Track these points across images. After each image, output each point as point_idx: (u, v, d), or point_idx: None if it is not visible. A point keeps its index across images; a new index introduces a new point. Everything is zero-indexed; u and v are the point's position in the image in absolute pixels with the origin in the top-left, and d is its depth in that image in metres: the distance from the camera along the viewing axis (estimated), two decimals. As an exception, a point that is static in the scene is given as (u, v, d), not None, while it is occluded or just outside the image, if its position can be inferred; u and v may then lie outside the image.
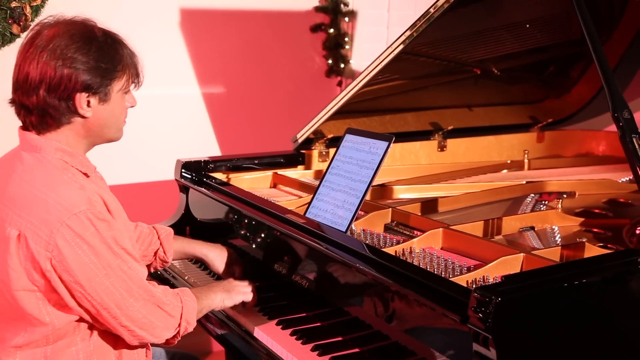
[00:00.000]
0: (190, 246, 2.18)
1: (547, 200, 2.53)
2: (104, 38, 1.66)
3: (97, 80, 1.62)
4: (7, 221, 1.58)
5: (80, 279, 1.55)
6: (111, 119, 1.69)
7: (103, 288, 1.57)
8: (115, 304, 1.59)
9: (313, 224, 2.02)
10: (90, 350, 1.66)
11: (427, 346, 1.62)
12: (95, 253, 1.56)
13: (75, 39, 1.61)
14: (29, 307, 1.59)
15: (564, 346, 1.48)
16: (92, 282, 1.56)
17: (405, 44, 2.44)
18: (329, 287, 1.94)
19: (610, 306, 1.57)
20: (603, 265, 1.62)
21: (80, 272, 1.55)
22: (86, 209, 1.56)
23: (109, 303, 1.59)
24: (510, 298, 1.39)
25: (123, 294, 1.60)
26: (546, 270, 1.61)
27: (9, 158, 1.72)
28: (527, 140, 3.39)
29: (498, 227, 2.17)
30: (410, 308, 1.67)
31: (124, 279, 1.60)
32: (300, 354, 1.77)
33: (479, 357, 1.39)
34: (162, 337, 1.70)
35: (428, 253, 1.93)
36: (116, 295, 1.59)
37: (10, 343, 1.63)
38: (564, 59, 3.21)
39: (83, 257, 1.55)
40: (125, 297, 1.60)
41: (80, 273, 1.55)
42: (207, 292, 1.88)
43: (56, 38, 1.61)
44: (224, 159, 2.77)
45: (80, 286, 1.56)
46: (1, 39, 2.93)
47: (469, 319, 1.40)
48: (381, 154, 2.05)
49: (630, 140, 1.77)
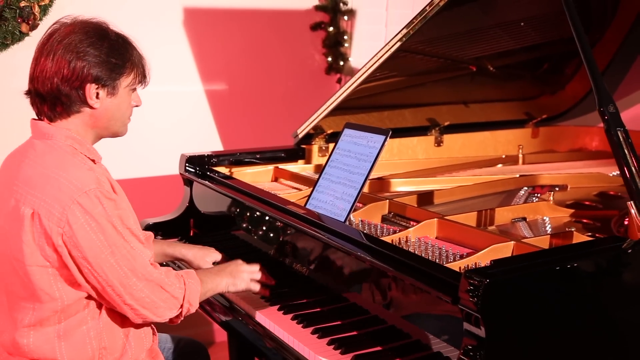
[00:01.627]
0: (170, 248, 2.21)
1: (540, 193, 2.58)
2: (115, 37, 1.77)
3: (107, 73, 1.73)
4: (21, 201, 1.67)
5: (88, 255, 1.63)
6: (117, 113, 1.79)
7: (108, 265, 1.65)
8: (119, 282, 1.67)
9: (313, 215, 2.08)
10: (100, 328, 1.74)
11: (421, 329, 1.70)
12: (102, 231, 1.64)
13: (89, 35, 1.72)
14: (40, 283, 1.67)
15: (550, 325, 1.55)
16: (98, 258, 1.64)
17: (402, 42, 2.48)
18: (328, 274, 2.00)
19: (594, 289, 1.63)
20: (588, 250, 1.69)
21: (87, 248, 1.63)
22: (95, 188, 1.65)
23: (113, 281, 1.66)
24: (499, 280, 1.46)
25: (127, 273, 1.67)
26: (533, 254, 1.68)
27: (21, 148, 1.82)
28: (522, 135, 3.42)
29: (491, 217, 2.22)
30: (405, 292, 1.73)
31: (128, 258, 1.68)
32: (301, 336, 1.83)
33: (469, 335, 1.46)
34: (165, 317, 1.77)
35: (423, 242, 1.98)
36: (120, 273, 1.67)
37: (23, 323, 1.70)
38: (558, 56, 3.24)
39: (91, 234, 1.63)
40: (129, 275, 1.68)
41: (87, 249, 1.63)
42: (213, 276, 1.93)
43: (72, 34, 1.72)
44: (227, 153, 2.82)
45: (88, 262, 1.64)
46: (11, 37, 2.96)
47: (460, 300, 1.48)
48: (378, 147, 2.11)
49: (615, 133, 1.83)
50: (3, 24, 2.94)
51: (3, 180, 1.78)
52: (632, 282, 1.72)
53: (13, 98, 3.05)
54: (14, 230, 1.68)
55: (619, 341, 1.68)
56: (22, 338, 1.71)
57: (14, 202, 1.69)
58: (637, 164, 1.82)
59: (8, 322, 1.75)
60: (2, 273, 1.75)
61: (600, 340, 1.64)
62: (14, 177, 1.73)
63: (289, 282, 2.12)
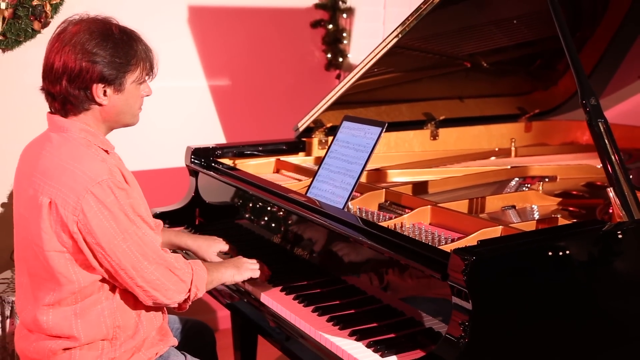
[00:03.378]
0: (177, 238, 2.31)
1: (530, 183, 2.66)
2: (120, 35, 1.82)
3: (113, 72, 1.80)
4: (39, 191, 1.77)
5: (101, 241, 1.73)
6: (125, 107, 1.87)
7: (120, 250, 1.75)
8: (131, 265, 1.77)
9: (313, 202, 2.18)
10: (114, 308, 1.84)
11: (413, 307, 1.81)
12: (115, 218, 1.74)
13: (94, 35, 1.79)
14: (58, 267, 1.77)
15: (531, 299, 1.66)
16: (111, 244, 1.74)
17: (398, 39, 2.54)
18: (327, 257, 2.10)
19: (574, 267, 1.74)
20: (569, 232, 1.81)
21: (101, 234, 1.73)
22: (107, 178, 1.75)
23: (126, 264, 1.76)
24: (484, 257, 1.57)
25: (138, 257, 1.77)
26: (517, 235, 1.79)
27: (38, 140, 1.91)
28: (515, 129, 3.48)
29: (482, 205, 2.32)
30: (399, 274, 1.84)
31: (139, 243, 1.77)
32: (302, 314, 1.93)
33: (457, 309, 1.58)
34: (174, 299, 1.87)
35: (417, 227, 2.08)
36: (132, 257, 1.76)
37: (44, 301, 1.81)
38: (550, 53, 3.28)
39: (104, 222, 1.73)
40: (140, 259, 1.78)
41: (101, 236, 1.73)
42: (218, 267, 2.04)
43: (78, 34, 1.79)
44: (231, 145, 2.89)
45: (101, 247, 1.74)
46: (23, 34, 3.02)
47: (449, 277, 1.59)
48: (375, 138, 2.21)
49: (596, 124, 1.93)
50: (16, 21, 2.99)
51: (22, 170, 1.88)
52: (610, 261, 1.83)
53: (25, 92, 3.18)
54: (33, 218, 1.78)
55: (596, 313, 1.79)
56: (42, 315, 1.81)
57: (33, 192, 1.78)
58: (616, 154, 1.93)
59: (30, 301, 1.85)
60: (25, 257, 1.85)
61: (577, 312, 1.74)
62: (32, 168, 1.82)
63: (290, 266, 2.21)
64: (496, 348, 1.61)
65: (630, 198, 1.87)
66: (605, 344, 1.80)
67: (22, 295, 1.90)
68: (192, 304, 1.94)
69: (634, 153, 3.21)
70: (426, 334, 1.76)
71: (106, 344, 1.84)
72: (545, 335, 1.68)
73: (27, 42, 3.11)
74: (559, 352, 1.71)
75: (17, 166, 1.92)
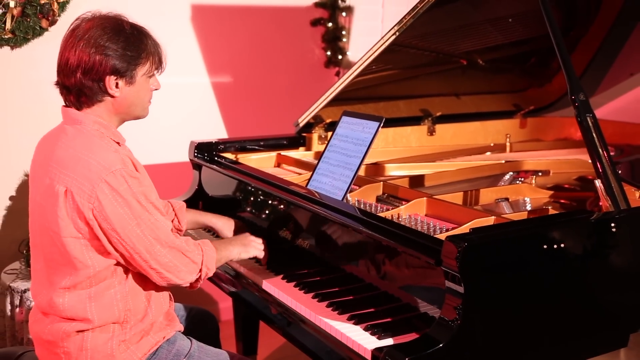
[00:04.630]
0: (201, 217, 2.45)
1: (524, 177, 2.72)
2: (131, 30, 1.92)
3: (124, 65, 1.89)
4: (55, 180, 1.85)
5: (116, 226, 1.82)
6: (136, 99, 1.96)
7: (135, 235, 1.84)
8: (145, 249, 1.86)
9: (313, 194, 2.26)
10: (126, 292, 1.93)
11: (409, 294, 1.89)
12: (128, 205, 1.82)
13: (106, 30, 1.88)
14: (74, 252, 1.85)
15: (520, 283, 1.75)
16: (126, 229, 1.83)
17: (395, 37, 2.59)
18: (327, 247, 2.18)
19: (562, 254, 1.82)
20: (558, 220, 1.89)
21: (116, 221, 1.82)
22: (121, 168, 1.83)
23: (140, 248, 1.85)
24: (475, 244, 1.65)
25: (151, 241, 1.86)
26: (507, 224, 1.88)
27: (53, 132, 1.99)
28: (510, 126, 3.53)
29: (476, 197, 2.40)
30: (396, 262, 1.92)
31: (152, 228, 1.86)
32: (303, 300, 2.01)
33: (450, 292, 1.66)
34: (186, 280, 1.96)
35: (413, 218, 2.16)
36: (146, 241, 1.85)
37: (60, 285, 1.89)
38: (545, 50, 3.26)
39: (118, 209, 1.81)
40: (154, 243, 1.86)
41: (116, 222, 1.82)
42: (226, 245, 2.14)
43: (91, 30, 1.88)
44: (233, 140, 2.96)
45: (116, 233, 1.83)
46: (32, 32, 3.08)
47: (442, 262, 1.68)
48: (373, 132, 2.28)
49: (584, 119, 2.02)
50: (25, 20, 3.05)
51: (38, 160, 1.97)
52: (596, 248, 1.92)
53: (33, 87, 3.26)
54: (50, 206, 1.86)
55: (582, 297, 1.88)
56: (58, 298, 1.90)
57: (49, 181, 1.87)
58: (604, 147, 2.01)
59: (46, 284, 1.93)
60: (41, 243, 1.93)
61: (564, 296, 1.83)
62: (48, 159, 1.90)
63: (291, 255, 2.29)
64: (487, 329, 1.70)
65: (616, 189, 1.96)
66: (590, 326, 1.89)
67: (38, 280, 1.98)
68: (195, 295, 2.01)
69: (625, 148, 3.28)
70: (421, 318, 1.84)
71: (117, 327, 1.92)
72: (532, 317, 1.76)
73: (35, 39, 3.17)
74: (546, 332, 1.80)
75: (33, 157, 2.00)
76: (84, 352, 1.89)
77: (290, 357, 3.35)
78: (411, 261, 1.87)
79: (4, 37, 3.06)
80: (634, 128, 3.44)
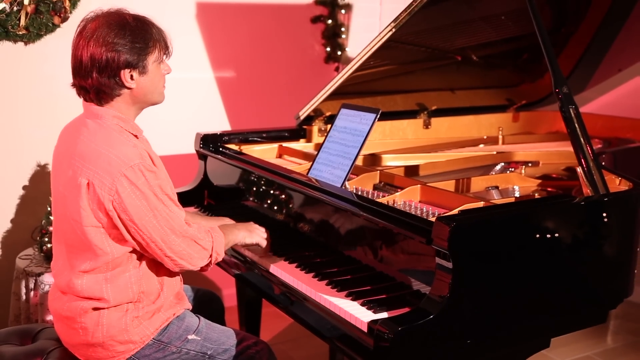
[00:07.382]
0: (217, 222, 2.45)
1: (514, 167, 2.83)
2: (135, 22, 2.00)
3: (135, 57, 1.98)
4: (78, 172, 1.96)
5: (134, 218, 1.94)
6: (152, 87, 2.05)
7: (151, 226, 1.96)
8: (161, 238, 1.98)
9: (314, 181, 2.38)
10: (140, 276, 2.06)
11: (403, 274, 2.02)
12: (145, 198, 1.94)
13: (112, 27, 1.97)
14: (95, 240, 1.97)
15: (505, 260, 1.88)
16: (143, 220, 1.95)
17: (392, 33, 2.68)
18: (326, 231, 2.29)
19: (545, 234, 1.95)
20: (540, 203, 2.03)
21: (134, 212, 1.94)
22: (139, 162, 1.94)
23: (156, 237, 1.97)
24: (463, 223, 1.79)
25: (167, 231, 1.98)
26: (494, 207, 2.01)
27: (75, 124, 2.10)
28: (503, 119, 3.64)
29: (467, 185, 2.51)
30: (391, 244, 2.05)
31: (167, 219, 1.98)
32: (305, 279, 2.14)
33: (440, 268, 1.79)
34: (198, 265, 2.09)
35: (408, 204, 2.28)
36: (161, 231, 1.97)
37: (79, 268, 2.02)
38: (536, 47, 3.36)
39: (136, 201, 1.93)
40: (169, 233, 1.98)
41: (134, 213, 1.94)
42: (232, 229, 2.26)
43: (98, 29, 1.97)
44: (237, 132, 3.05)
45: (134, 223, 1.95)
46: (45, 28, 3.16)
47: (433, 241, 1.81)
48: (370, 123, 2.39)
49: (567, 110, 2.15)
50: (38, 16, 3.14)
51: (61, 151, 2.08)
52: (577, 229, 2.05)
53: (46, 82, 3.37)
54: (72, 197, 1.97)
55: (562, 273, 2.01)
56: (77, 279, 2.02)
57: (72, 173, 1.98)
58: (585, 137, 2.14)
59: (67, 266, 2.06)
60: (63, 229, 2.06)
61: (546, 272, 1.96)
62: (71, 151, 2.01)
63: (293, 239, 2.41)
64: (474, 303, 1.83)
65: (596, 175, 2.09)
66: (570, 303, 2.03)
67: (59, 261, 2.11)
68: (200, 281, 2.10)
69: (613, 141, 3.40)
70: (414, 295, 1.97)
71: (131, 306, 2.05)
72: (516, 293, 1.90)
73: (48, 35, 3.24)
74: (529, 307, 1.93)
75: (56, 146, 2.12)
76: (100, 327, 2.02)
77: (291, 340, 3.48)
78: (405, 242, 1.99)
79: (18, 33, 3.14)
80: (622, 122, 3.56)
